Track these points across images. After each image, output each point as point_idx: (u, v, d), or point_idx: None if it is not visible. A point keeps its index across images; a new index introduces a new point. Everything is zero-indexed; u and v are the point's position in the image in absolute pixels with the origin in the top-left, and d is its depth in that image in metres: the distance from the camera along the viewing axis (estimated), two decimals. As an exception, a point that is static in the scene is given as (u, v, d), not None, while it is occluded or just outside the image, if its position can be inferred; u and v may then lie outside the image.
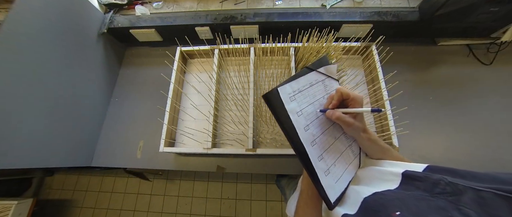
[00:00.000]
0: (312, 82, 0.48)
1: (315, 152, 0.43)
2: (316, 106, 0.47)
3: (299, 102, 0.45)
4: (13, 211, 1.32)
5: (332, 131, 0.48)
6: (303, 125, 0.44)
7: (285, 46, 0.89)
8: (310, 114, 0.46)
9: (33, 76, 0.73)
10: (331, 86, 0.51)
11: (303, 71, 0.47)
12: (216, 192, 1.65)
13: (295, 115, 0.43)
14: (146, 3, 1.11)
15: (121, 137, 0.97)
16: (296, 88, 0.45)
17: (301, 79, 0.46)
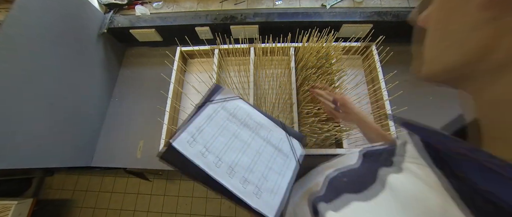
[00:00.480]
0: (210, 115, 0.46)
1: (236, 181, 0.40)
2: (224, 134, 0.45)
3: (202, 141, 0.42)
4: (13, 211, 1.32)
5: (253, 147, 0.46)
6: (213, 162, 0.41)
7: (285, 46, 0.89)
8: (219, 145, 0.43)
9: (33, 76, 0.73)
10: (234, 106, 0.49)
11: (196, 110, 0.46)
12: (216, 192, 1.65)
13: (200, 157, 0.40)
14: (146, 3, 1.11)
15: (121, 137, 0.97)
16: (194, 130, 0.43)
17: (197, 118, 0.44)
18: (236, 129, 0.47)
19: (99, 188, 1.75)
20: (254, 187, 0.41)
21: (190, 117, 0.44)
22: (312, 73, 0.76)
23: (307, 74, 0.78)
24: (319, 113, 0.74)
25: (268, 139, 0.48)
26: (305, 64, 0.82)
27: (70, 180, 1.80)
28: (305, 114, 0.78)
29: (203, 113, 0.46)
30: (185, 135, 0.42)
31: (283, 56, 0.94)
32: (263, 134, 0.48)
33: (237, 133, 0.46)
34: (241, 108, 0.51)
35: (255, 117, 0.50)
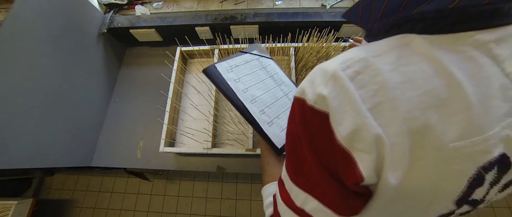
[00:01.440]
0: (247, 60, 0.59)
1: (255, 107, 0.51)
2: (254, 76, 0.56)
3: (237, 73, 0.54)
4: (13, 211, 1.32)
5: (274, 93, 0.57)
6: (241, 88, 0.52)
7: (285, 46, 0.89)
8: (249, 81, 0.54)
9: (33, 76, 0.73)
10: (266, 62, 0.63)
11: (237, 54, 0.59)
12: (216, 192, 1.64)
13: (233, 82, 0.52)
14: (146, 3, 1.11)
15: (121, 137, 0.97)
16: (233, 64, 0.55)
17: (236, 58, 0.57)
18: (264, 77, 0.59)
19: (99, 188, 1.75)
20: (268, 118, 0.51)
21: (231, 56, 0.57)
22: (312, 73, 0.76)
23: (307, 74, 0.78)
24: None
25: (286, 93, 0.59)
26: (305, 64, 0.82)
27: (70, 180, 1.80)
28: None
29: (242, 56, 0.59)
30: (225, 64, 0.54)
31: (283, 56, 0.94)
32: (284, 88, 0.60)
33: (264, 80, 0.58)
34: (272, 66, 0.63)
35: (281, 75, 0.63)
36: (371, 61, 0.23)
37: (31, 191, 1.74)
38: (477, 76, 0.21)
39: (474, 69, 0.21)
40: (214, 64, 0.52)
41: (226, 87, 0.51)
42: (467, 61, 0.21)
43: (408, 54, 0.23)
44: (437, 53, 0.22)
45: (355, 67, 0.23)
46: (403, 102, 0.21)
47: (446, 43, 0.22)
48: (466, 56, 0.22)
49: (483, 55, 0.22)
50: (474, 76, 0.21)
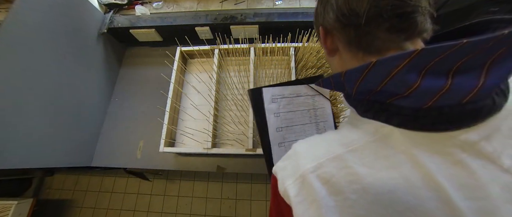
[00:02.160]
0: (300, 93, 0.51)
1: (280, 153, 0.45)
2: (297, 115, 0.49)
3: (280, 106, 0.48)
4: (13, 211, 1.32)
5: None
6: (276, 125, 0.47)
7: (285, 46, 0.89)
8: (288, 120, 0.48)
9: (32, 76, 0.72)
10: (321, 104, 0.53)
11: (294, 81, 0.51)
12: (216, 192, 1.64)
13: (271, 114, 0.47)
14: (146, 3, 1.11)
15: (121, 137, 0.97)
16: (281, 93, 0.49)
17: (289, 87, 0.50)
18: (307, 121, 0.51)
19: (99, 188, 1.75)
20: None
21: (285, 82, 0.50)
22: (312, 73, 0.76)
23: (307, 74, 0.78)
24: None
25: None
26: (305, 64, 0.82)
27: (70, 180, 1.80)
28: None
29: (296, 87, 0.51)
30: (273, 90, 0.48)
31: (283, 56, 0.94)
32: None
33: (305, 124, 0.51)
34: (324, 110, 0.54)
35: (328, 125, 0.54)
36: (347, 160, 0.22)
37: (31, 191, 1.74)
38: (471, 187, 0.19)
39: (466, 178, 0.19)
40: (262, 87, 0.47)
41: (262, 117, 0.46)
42: (455, 167, 0.20)
43: (388, 152, 0.21)
44: (420, 155, 0.20)
45: (328, 167, 0.22)
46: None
47: (428, 143, 0.21)
48: (454, 160, 0.20)
49: (473, 157, 0.20)
50: (467, 187, 0.19)
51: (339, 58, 0.31)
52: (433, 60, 0.20)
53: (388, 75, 0.21)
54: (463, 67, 0.19)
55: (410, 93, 0.21)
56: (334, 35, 0.30)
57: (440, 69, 0.20)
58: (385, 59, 0.21)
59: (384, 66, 0.22)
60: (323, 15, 0.30)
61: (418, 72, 0.20)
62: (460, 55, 0.19)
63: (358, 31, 0.26)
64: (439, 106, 0.20)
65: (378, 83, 0.23)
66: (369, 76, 0.23)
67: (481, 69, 0.19)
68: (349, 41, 0.27)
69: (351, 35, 0.27)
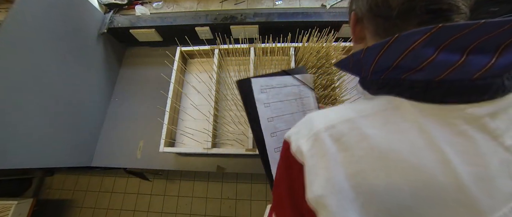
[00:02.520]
0: (286, 84, 0.52)
1: (273, 143, 0.46)
2: (285, 105, 0.51)
3: (269, 96, 0.49)
4: (13, 211, 1.32)
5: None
6: (267, 115, 0.47)
7: (285, 46, 0.89)
8: (278, 110, 0.49)
9: (32, 76, 0.73)
10: (305, 93, 0.55)
11: (280, 73, 0.52)
12: (216, 192, 1.64)
13: (261, 105, 0.47)
14: (146, 3, 1.11)
15: (121, 137, 0.97)
16: (269, 84, 0.49)
17: (276, 78, 0.51)
18: (296, 110, 0.53)
19: (99, 188, 1.75)
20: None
21: (271, 73, 0.51)
22: (312, 73, 0.76)
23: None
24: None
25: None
26: (305, 64, 0.82)
27: (70, 180, 1.80)
28: (305, 114, 0.78)
29: (282, 78, 0.52)
30: (262, 81, 0.48)
31: (283, 56, 0.94)
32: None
33: (293, 113, 0.52)
34: (310, 99, 0.56)
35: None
36: (358, 123, 0.23)
37: (31, 191, 1.74)
38: (470, 153, 0.20)
39: (467, 146, 0.20)
40: (250, 78, 0.47)
41: (252, 108, 0.46)
42: (458, 136, 0.21)
43: (397, 120, 0.22)
44: (427, 124, 0.21)
45: (340, 127, 0.23)
46: (388, 177, 0.20)
47: (436, 114, 0.21)
48: (458, 130, 0.21)
49: (476, 130, 0.20)
50: (467, 153, 0.20)
51: (365, 46, 0.31)
52: (451, 37, 0.20)
53: (407, 48, 0.22)
54: (478, 46, 0.20)
55: (425, 66, 0.21)
56: (364, 24, 0.30)
57: (456, 46, 0.21)
58: (406, 33, 0.22)
59: (405, 40, 0.22)
60: (357, 1, 0.30)
61: (435, 47, 0.21)
62: (477, 35, 0.20)
63: (387, 23, 0.26)
64: (450, 79, 0.21)
65: (395, 58, 0.23)
66: (388, 50, 0.23)
67: (495, 50, 0.20)
68: (377, 31, 0.28)
69: (380, 26, 0.27)
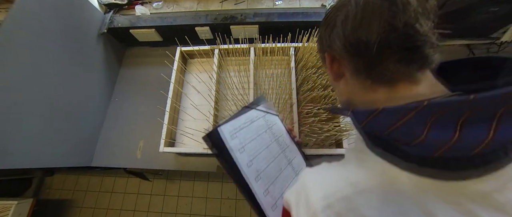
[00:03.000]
0: (253, 119, 0.50)
1: (260, 187, 0.44)
2: (259, 141, 0.48)
3: (241, 139, 0.46)
4: (13, 211, 1.32)
5: (279, 162, 0.49)
6: (246, 161, 0.44)
7: (285, 46, 0.89)
8: (253, 150, 0.47)
9: (33, 76, 0.73)
10: (272, 121, 0.54)
11: (242, 110, 0.50)
12: (216, 192, 1.64)
13: (237, 152, 0.44)
14: (146, 3, 1.11)
15: (121, 137, 0.97)
16: (237, 126, 0.47)
17: (241, 117, 0.48)
18: (269, 142, 0.51)
19: (99, 188, 1.75)
20: (272, 199, 0.44)
21: (235, 114, 0.48)
22: (312, 73, 0.76)
23: (307, 74, 0.78)
24: (319, 113, 0.74)
25: (290, 160, 0.53)
26: (305, 64, 0.82)
27: (70, 180, 1.80)
28: (305, 114, 0.78)
29: (247, 115, 0.50)
30: (229, 127, 0.45)
31: (283, 56, 0.94)
32: (288, 155, 0.53)
33: (268, 146, 0.50)
34: (277, 125, 0.56)
35: (285, 138, 0.56)
36: (355, 202, 0.22)
37: (31, 191, 1.74)
38: None
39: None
40: (216, 128, 0.44)
41: (229, 160, 0.43)
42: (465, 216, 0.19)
43: (396, 197, 0.21)
44: (430, 204, 0.20)
45: (338, 207, 0.23)
46: None
47: (437, 191, 0.20)
48: (464, 210, 0.19)
49: (483, 208, 0.19)
50: None
51: (345, 83, 0.31)
52: (439, 113, 0.19)
53: (394, 124, 0.21)
54: (471, 119, 0.19)
55: (416, 144, 0.21)
56: (341, 62, 0.30)
57: (446, 120, 0.20)
58: (390, 109, 0.22)
59: (390, 116, 0.22)
60: (329, 42, 0.29)
61: (424, 123, 0.20)
62: (468, 108, 0.19)
63: (367, 61, 0.26)
64: (447, 157, 0.20)
65: (384, 129, 0.23)
66: (374, 121, 0.23)
67: (492, 119, 0.19)
68: (357, 69, 0.27)
69: (359, 65, 0.27)
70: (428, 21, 0.23)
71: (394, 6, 0.23)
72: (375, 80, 0.26)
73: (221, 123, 0.45)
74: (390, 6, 0.23)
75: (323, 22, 0.31)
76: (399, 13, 0.22)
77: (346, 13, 0.26)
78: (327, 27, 0.30)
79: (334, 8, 0.29)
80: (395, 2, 0.23)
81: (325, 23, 0.30)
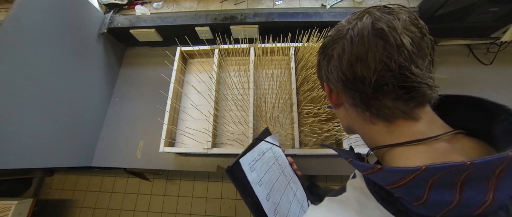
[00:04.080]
0: (264, 151, 0.52)
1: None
2: (271, 174, 0.50)
3: (258, 172, 0.47)
4: (13, 211, 1.32)
5: (287, 195, 0.51)
6: (264, 194, 0.45)
7: (285, 46, 0.89)
8: (268, 182, 0.48)
9: (33, 76, 0.72)
10: (277, 152, 0.57)
11: (255, 141, 0.51)
12: (216, 192, 1.64)
13: (257, 186, 0.45)
14: (146, 3, 1.11)
15: (121, 137, 0.97)
16: (253, 158, 0.48)
17: (255, 149, 0.50)
18: (278, 174, 0.52)
19: (99, 188, 1.75)
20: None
21: (249, 147, 0.49)
22: (312, 73, 0.76)
23: (307, 74, 0.78)
24: (319, 113, 0.74)
25: (295, 192, 0.54)
26: (305, 64, 0.82)
27: (70, 180, 1.80)
28: (305, 114, 0.78)
29: (259, 146, 0.51)
30: (248, 158, 0.46)
31: (283, 56, 0.94)
32: (293, 186, 0.55)
33: (278, 178, 0.51)
34: (282, 157, 0.58)
35: (288, 168, 0.58)
36: None
37: (31, 191, 1.74)
38: None
39: None
40: (238, 160, 0.44)
41: (251, 194, 0.43)
42: None
43: None
44: None
45: None
46: None
47: None
48: None
49: None
50: None
51: (344, 111, 0.31)
52: (438, 175, 0.20)
53: (394, 183, 0.21)
54: (469, 179, 0.19)
55: (419, 204, 0.21)
56: (339, 93, 0.30)
57: (446, 181, 0.20)
58: (389, 169, 0.22)
59: (390, 175, 0.22)
60: (327, 72, 0.30)
61: (424, 186, 0.20)
62: (466, 171, 0.19)
63: (364, 96, 0.26)
64: (451, 216, 0.20)
65: (386, 184, 0.23)
66: (374, 176, 0.24)
67: (489, 181, 0.19)
68: (355, 102, 0.27)
69: (357, 99, 0.27)
70: (424, 62, 0.24)
71: (389, 46, 0.23)
72: (374, 114, 0.26)
73: (239, 155, 0.45)
74: (385, 46, 0.23)
75: (321, 51, 0.31)
76: (394, 54, 0.22)
77: (343, 46, 0.26)
78: (325, 57, 0.30)
79: (332, 38, 0.29)
80: (389, 42, 0.23)
81: (323, 52, 0.30)
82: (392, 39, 0.23)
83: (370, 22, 0.24)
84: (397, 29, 0.23)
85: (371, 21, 0.24)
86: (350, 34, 0.25)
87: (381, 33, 0.23)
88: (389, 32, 0.23)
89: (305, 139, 0.78)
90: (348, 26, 0.26)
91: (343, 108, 0.31)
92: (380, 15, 0.24)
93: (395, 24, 0.23)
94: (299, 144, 0.76)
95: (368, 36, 0.24)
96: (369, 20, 0.24)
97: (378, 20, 0.24)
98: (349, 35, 0.25)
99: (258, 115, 0.86)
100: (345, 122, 0.33)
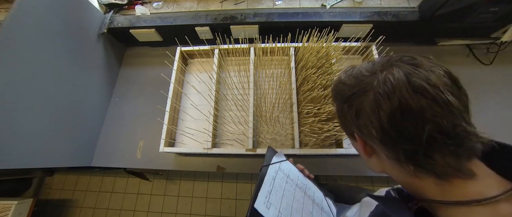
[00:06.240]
0: (274, 176, 0.50)
1: None
2: (287, 196, 0.49)
3: (275, 204, 0.45)
4: (13, 211, 1.32)
5: (307, 207, 0.50)
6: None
7: (285, 46, 0.89)
8: (286, 207, 0.47)
9: (33, 76, 0.72)
10: (287, 168, 0.55)
11: (262, 173, 0.49)
12: (216, 192, 1.64)
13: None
14: (146, 3, 1.11)
15: (121, 137, 0.97)
16: (266, 192, 0.46)
17: (265, 181, 0.48)
18: (293, 190, 0.51)
19: (99, 188, 1.75)
20: None
21: (259, 183, 0.47)
22: (312, 73, 0.76)
23: (307, 74, 0.78)
24: (319, 113, 0.74)
25: (313, 198, 0.53)
26: (305, 64, 0.82)
27: (70, 180, 1.80)
28: (305, 114, 0.78)
29: (268, 175, 0.50)
30: (261, 198, 0.44)
31: (283, 56, 0.94)
32: (310, 194, 0.54)
33: (295, 195, 0.50)
34: (292, 170, 0.56)
35: (301, 178, 0.57)
36: None
37: (31, 191, 1.74)
38: None
39: None
40: (253, 206, 0.43)
41: None
42: None
43: None
44: None
45: None
46: None
47: None
48: None
49: None
50: None
51: (378, 160, 0.30)
52: None
53: None
54: None
55: None
56: (375, 146, 0.28)
57: None
58: None
59: None
60: (359, 125, 0.28)
61: None
62: None
63: (409, 153, 0.24)
64: None
65: None
66: None
67: None
68: (398, 157, 0.26)
69: (400, 154, 0.25)
70: (468, 115, 0.23)
71: (435, 104, 0.22)
72: (420, 167, 0.25)
73: (252, 197, 0.44)
74: (430, 104, 0.22)
75: (342, 98, 0.30)
76: (444, 113, 0.22)
77: (378, 101, 0.24)
78: (351, 107, 0.28)
79: (353, 88, 0.27)
80: (435, 100, 0.22)
81: (347, 100, 0.29)
82: (437, 97, 0.22)
83: (403, 76, 0.23)
84: (439, 85, 0.22)
85: (404, 75, 0.23)
86: (384, 89, 0.24)
87: (422, 90, 0.22)
88: (432, 89, 0.22)
89: (305, 139, 0.78)
90: (373, 78, 0.25)
91: (375, 157, 0.30)
92: (411, 69, 0.23)
93: (435, 81, 0.22)
94: (299, 144, 0.76)
95: (407, 93, 0.23)
96: (401, 74, 0.23)
97: (412, 75, 0.23)
98: (383, 90, 0.24)
99: (258, 115, 0.86)
100: (378, 169, 0.31)
